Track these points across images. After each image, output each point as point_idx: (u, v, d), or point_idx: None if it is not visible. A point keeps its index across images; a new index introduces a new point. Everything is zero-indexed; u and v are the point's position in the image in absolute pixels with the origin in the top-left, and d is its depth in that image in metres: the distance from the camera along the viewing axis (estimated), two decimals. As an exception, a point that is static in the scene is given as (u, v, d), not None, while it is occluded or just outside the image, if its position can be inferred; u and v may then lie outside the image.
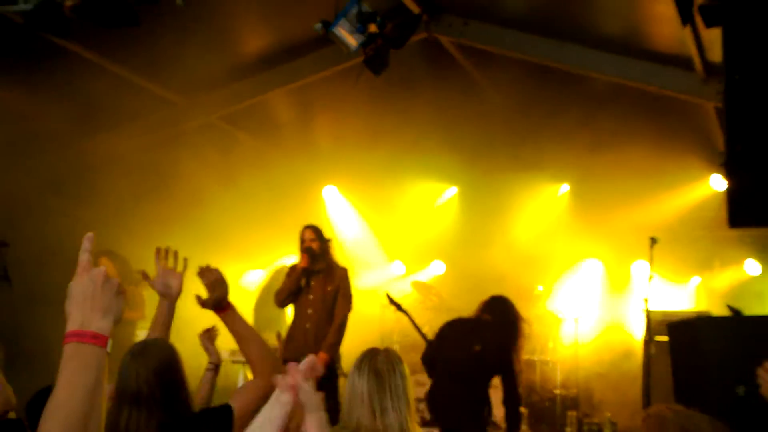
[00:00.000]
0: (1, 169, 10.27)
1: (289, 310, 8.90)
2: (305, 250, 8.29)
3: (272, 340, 7.61)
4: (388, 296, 9.27)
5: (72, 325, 2.00)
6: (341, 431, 3.96)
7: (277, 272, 11.64)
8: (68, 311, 2.09)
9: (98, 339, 1.99)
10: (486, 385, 7.73)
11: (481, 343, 7.61)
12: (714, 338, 5.32)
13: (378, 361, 3.99)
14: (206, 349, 5.41)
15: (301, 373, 3.13)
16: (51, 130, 10.10)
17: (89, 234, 2.21)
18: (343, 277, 8.49)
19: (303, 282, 8.31)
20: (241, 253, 9.86)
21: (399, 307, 9.02)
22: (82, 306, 2.01)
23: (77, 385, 2.01)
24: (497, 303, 8.03)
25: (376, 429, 3.83)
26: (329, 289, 8.35)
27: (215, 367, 5.39)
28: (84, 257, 2.11)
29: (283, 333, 8.14)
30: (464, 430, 7.68)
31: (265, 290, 12.25)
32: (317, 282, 8.37)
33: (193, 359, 4.25)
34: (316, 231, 8.48)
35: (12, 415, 4.51)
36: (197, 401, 4.13)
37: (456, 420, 7.62)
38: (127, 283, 10.20)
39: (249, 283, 13.23)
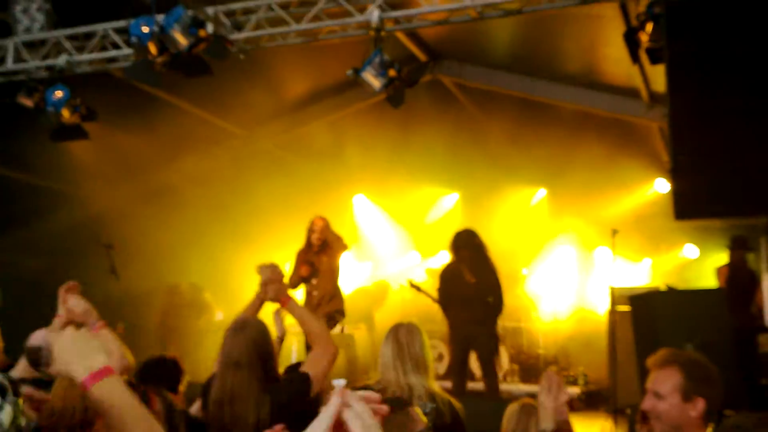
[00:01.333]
0: (108, 189, 10.38)
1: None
2: (309, 265, 8.02)
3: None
4: (411, 282, 9.34)
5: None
6: (373, 386, 3.96)
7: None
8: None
9: None
10: (486, 305, 7.77)
11: (477, 275, 7.75)
12: (665, 307, 5.32)
13: (400, 334, 3.97)
14: (276, 323, 5.39)
15: None
16: (144, 157, 10.23)
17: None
18: (331, 235, 8.18)
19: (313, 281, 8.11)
20: (285, 248, 9.86)
21: (418, 288, 9.03)
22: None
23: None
24: (470, 235, 8.15)
25: (401, 386, 3.81)
26: (324, 259, 8.10)
27: (280, 339, 5.38)
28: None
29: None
30: (477, 335, 7.75)
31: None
32: (318, 263, 8.14)
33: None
34: (324, 219, 8.20)
35: (125, 377, 4.52)
36: None
37: (471, 331, 7.75)
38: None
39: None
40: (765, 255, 11.05)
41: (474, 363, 8.47)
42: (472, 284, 7.77)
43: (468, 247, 7.96)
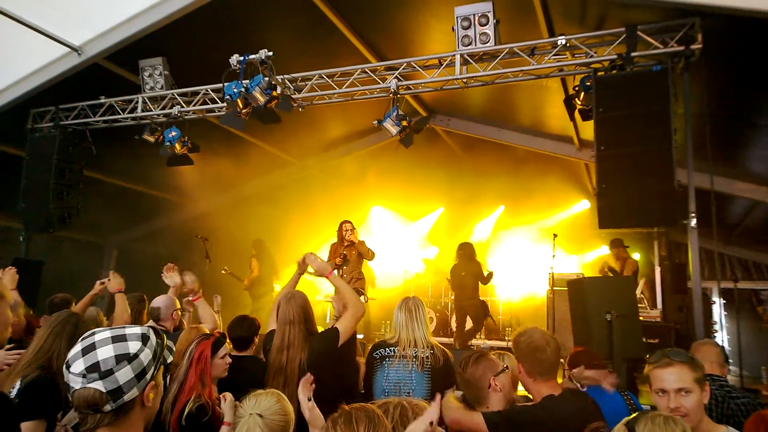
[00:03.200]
0: (204, 199, 10.46)
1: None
2: (342, 257, 7.85)
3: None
4: (447, 278, 9.87)
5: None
6: (389, 341, 4.00)
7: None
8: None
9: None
10: (476, 287, 8.75)
11: (464, 270, 8.65)
12: (592, 288, 5.28)
13: (409, 303, 4.00)
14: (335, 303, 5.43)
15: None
16: (229, 177, 10.29)
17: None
18: (361, 245, 8.01)
19: (341, 268, 7.98)
20: (322, 239, 9.92)
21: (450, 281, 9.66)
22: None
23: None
24: (466, 246, 8.99)
25: (410, 339, 3.86)
26: (353, 252, 7.96)
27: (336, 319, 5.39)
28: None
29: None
30: (468, 306, 8.72)
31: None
32: (349, 255, 8.02)
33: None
34: (351, 223, 8.11)
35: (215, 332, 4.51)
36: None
37: (464, 304, 8.74)
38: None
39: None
40: (657, 253, 11.08)
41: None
42: (464, 275, 8.55)
43: (464, 252, 8.82)
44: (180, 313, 4.55)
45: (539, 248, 11.86)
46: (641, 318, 9.56)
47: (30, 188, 7.75)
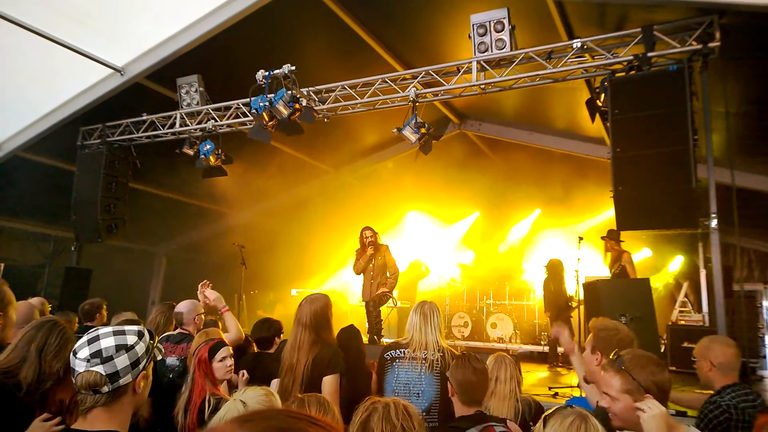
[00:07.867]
0: (240, 208, 10.79)
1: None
2: (370, 244, 7.86)
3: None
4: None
5: None
6: (401, 341, 4.05)
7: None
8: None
9: None
10: (558, 298, 9.14)
11: (553, 285, 9.17)
12: (607, 291, 5.23)
13: (425, 307, 4.01)
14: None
15: None
16: (263, 187, 10.51)
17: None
18: (386, 250, 8.02)
19: (372, 262, 7.92)
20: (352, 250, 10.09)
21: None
22: None
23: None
24: (553, 261, 9.43)
25: (422, 341, 3.89)
26: (379, 258, 7.92)
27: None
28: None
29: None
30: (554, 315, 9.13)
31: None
32: (374, 257, 8.00)
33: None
34: (372, 229, 8.09)
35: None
36: None
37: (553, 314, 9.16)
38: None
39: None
40: (702, 255, 10.68)
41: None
42: (552, 291, 9.16)
43: (553, 268, 9.38)
44: (203, 317, 4.76)
45: (577, 251, 11.68)
46: (682, 322, 9.36)
47: (80, 201, 8.26)
